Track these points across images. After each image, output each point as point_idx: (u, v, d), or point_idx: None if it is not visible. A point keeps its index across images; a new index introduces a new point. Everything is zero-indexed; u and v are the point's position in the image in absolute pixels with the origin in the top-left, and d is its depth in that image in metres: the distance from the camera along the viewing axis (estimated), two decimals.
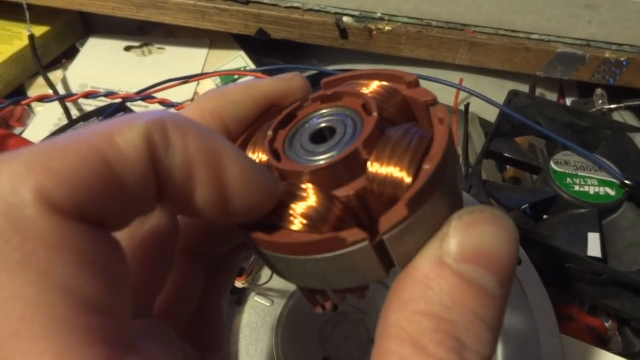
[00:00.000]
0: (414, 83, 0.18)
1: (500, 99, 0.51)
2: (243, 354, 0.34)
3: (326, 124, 0.19)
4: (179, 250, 0.20)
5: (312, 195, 0.16)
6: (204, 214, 0.15)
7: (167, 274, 0.19)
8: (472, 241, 0.15)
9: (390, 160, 0.15)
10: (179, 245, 0.20)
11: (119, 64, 0.63)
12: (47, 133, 0.54)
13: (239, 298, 0.37)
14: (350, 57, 0.65)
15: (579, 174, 0.44)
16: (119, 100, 0.54)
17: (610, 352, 0.37)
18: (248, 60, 0.63)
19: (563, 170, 0.44)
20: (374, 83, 0.19)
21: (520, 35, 0.57)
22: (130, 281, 0.14)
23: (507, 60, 0.58)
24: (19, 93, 0.60)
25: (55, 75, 0.62)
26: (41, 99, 0.52)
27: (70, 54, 0.66)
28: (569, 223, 0.42)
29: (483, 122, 0.57)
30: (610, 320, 0.42)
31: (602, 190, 0.43)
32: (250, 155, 0.20)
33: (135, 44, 0.65)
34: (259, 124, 0.21)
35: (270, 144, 0.18)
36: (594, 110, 0.57)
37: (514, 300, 0.34)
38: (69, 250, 0.12)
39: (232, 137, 0.20)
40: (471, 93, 0.52)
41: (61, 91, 0.58)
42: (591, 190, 0.43)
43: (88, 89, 0.57)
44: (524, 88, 0.57)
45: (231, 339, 0.35)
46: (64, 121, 0.55)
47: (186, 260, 0.21)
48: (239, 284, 0.35)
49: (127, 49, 0.65)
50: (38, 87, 0.60)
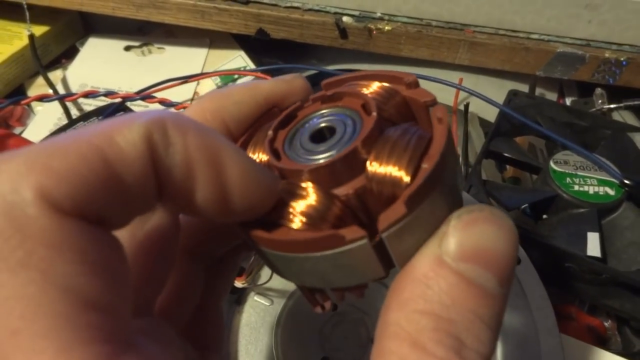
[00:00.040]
0: (414, 84, 0.18)
1: (500, 98, 0.52)
2: (243, 354, 0.34)
3: (326, 124, 0.19)
4: (180, 250, 0.20)
5: (312, 194, 0.16)
6: (204, 212, 0.15)
7: (168, 273, 0.19)
8: (472, 240, 0.15)
9: (389, 159, 0.16)
10: (180, 245, 0.20)
11: (119, 63, 0.63)
12: (47, 133, 0.54)
13: (239, 298, 0.37)
14: (350, 57, 0.65)
15: (579, 173, 0.44)
16: (119, 100, 0.54)
17: (610, 352, 0.37)
18: (248, 60, 0.63)
19: (563, 170, 0.44)
20: (374, 84, 0.19)
21: (520, 35, 0.57)
22: (130, 280, 0.14)
23: (507, 60, 0.58)
24: (19, 93, 0.60)
25: (55, 75, 0.62)
26: (41, 99, 0.52)
27: (70, 53, 0.66)
28: (569, 223, 0.42)
29: (483, 122, 0.57)
30: (609, 320, 0.42)
31: (602, 190, 0.43)
32: (250, 155, 0.20)
33: (135, 43, 0.65)
34: (259, 124, 0.21)
35: (271, 144, 0.19)
36: (594, 110, 0.57)
37: (514, 300, 0.34)
38: (69, 249, 0.12)
39: (233, 138, 0.20)
40: (471, 93, 0.52)
41: (61, 91, 0.58)
42: (591, 190, 0.43)
43: (88, 89, 0.57)
44: (524, 88, 0.57)
45: (231, 338, 0.35)
46: (64, 121, 0.55)
47: (187, 260, 0.21)
48: (238, 283, 0.35)
49: (127, 48, 0.65)
50: (38, 87, 0.60)
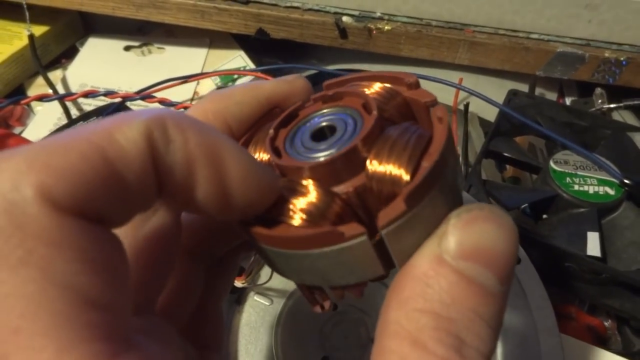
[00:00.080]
0: (415, 84, 0.18)
1: (500, 98, 0.52)
2: (243, 354, 0.34)
3: (327, 123, 0.19)
4: (181, 250, 0.20)
5: (313, 191, 0.16)
6: (205, 209, 0.15)
7: (169, 273, 0.19)
8: (471, 239, 0.15)
9: (389, 158, 0.16)
10: (181, 245, 0.20)
11: (118, 63, 0.63)
12: (47, 132, 0.54)
13: (239, 297, 0.37)
14: (350, 57, 0.65)
15: (579, 173, 0.44)
16: (119, 99, 0.54)
17: (610, 352, 0.37)
18: (248, 60, 0.63)
19: (563, 169, 0.44)
20: (375, 85, 0.19)
21: (520, 35, 0.57)
22: (130, 278, 0.14)
23: (507, 60, 0.58)
24: (18, 93, 0.60)
25: (55, 75, 0.62)
26: (41, 99, 0.52)
27: (70, 53, 0.66)
28: (569, 222, 0.42)
29: (483, 122, 0.57)
30: (609, 320, 0.42)
31: (602, 189, 0.43)
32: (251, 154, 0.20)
33: (135, 43, 0.65)
34: (261, 124, 0.21)
35: (272, 142, 0.19)
36: (594, 109, 0.57)
37: (514, 299, 0.34)
38: (69, 247, 0.12)
39: (235, 138, 0.20)
40: (471, 93, 0.52)
41: (61, 91, 0.58)
42: (591, 189, 0.43)
43: (88, 89, 0.57)
44: (524, 88, 0.57)
45: (231, 338, 0.35)
46: (64, 121, 0.55)
47: (187, 260, 0.21)
48: (238, 283, 0.35)
49: (127, 48, 0.65)
50: (38, 87, 0.60)
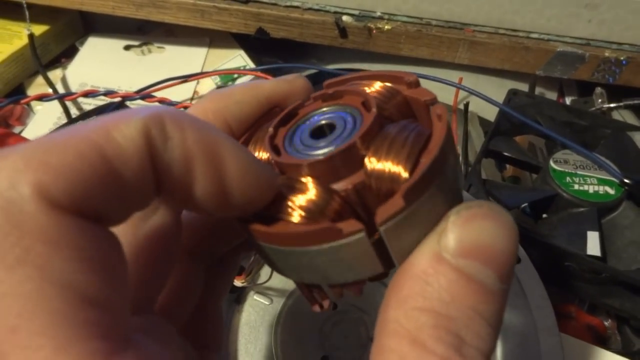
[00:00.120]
0: (415, 83, 0.18)
1: (499, 98, 0.51)
2: (242, 353, 0.34)
3: (326, 121, 0.19)
4: (181, 250, 0.20)
5: (312, 189, 0.16)
6: (203, 206, 0.15)
7: (169, 272, 0.19)
8: (471, 236, 0.15)
9: (387, 155, 0.16)
10: (181, 245, 0.20)
11: (118, 63, 0.63)
12: (47, 132, 0.54)
13: (238, 297, 0.36)
14: (350, 56, 0.65)
15: (579, 173, 0.44)
16: (119, 99, 0.54)
17: (610, 351, 0.37)
18: (248, 60, 0.63)
19: (563, 169, 0.44)
20: (375, 84, 0.19)
21: (520, 34, 0.57)
22: (128, 277, 0.14)
23: (507, 60, 0.58)
24: (18, 92, 0.60)
25: (54, 75, 0.62)
26: (41, 98, 0.52)
27: (70, 53, 0.66)
28: (569, 222, 0.42)
29: (483, 121, 0.57)
30: (609, 319, 0.42)
31: (602, 189, 0.43)
32: None
33: (135, 43, 0.65)
34: (261, 124, 0.21)
35: (271, 140, 0.19)
36: (594, 109, 0.57)
37: (513, 299, 0.34)
38: (67, 245, 0.12)
39: (235, 137, 0.20)
40: (471, 92, 0.52)
41: (61, 90, 0.58)
42: (591, 189, 0.43)
43: (88, 88, 0.57)
44: (524, 87, 0.57)
45: (230, 337, 0.35)
46: (64, 120, 0.55)
47: (187, 259, 0.21)
48: (238, 282, 0.35)
49: (127, 48, 0.65)
50: (38, 86, 0.60)
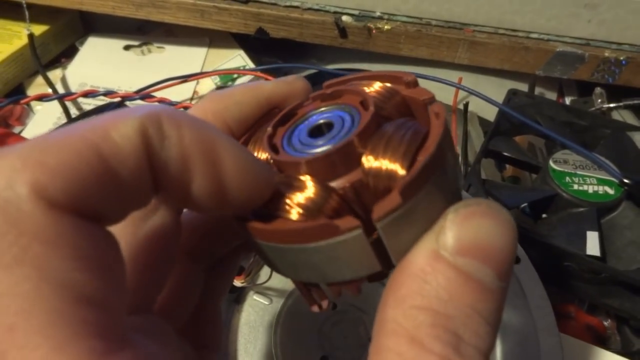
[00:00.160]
0: (413, 83, 0.18)
1: (499, 98, 0.51)
2: (242, 353, 0.34)
3: (325, 120, 0.19)
4: (180, 251, 0.20)
5: (310, 187, 0.16)
6: (201, 204, 0.15)
7: (169, 272, 0.19)
8: (469, 234, 0.15)
9: (385, 153, 0.16)
10: (181, 246, 0.20)
11: (118, 63, 0.63)
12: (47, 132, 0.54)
13: (238, 297, 0.37)
14: (350, 56, 0.65)
15: (578, 173, 0.44)
16: (118, 99, 0.54)
17: (609, 351, 0.37)
18: (247, 60, 0.63)
19: (562, 169, 0.44)
20: (375, 84, 0.19)
21: (520, 34, 0.57)
22: (125, 276, 0.14)
23: (507, 60, 0.58)
24: (18, 92, 0.60)
25: (54, 75, 0.62)
26: (40, 98, 0.52)
27: (69, 53, 0.66)
28: (568, 222, 0.42)
29: (482, 121, 0.57)
30: (609, 319, 0.42)
31: (601, 189, 0.43)
32: None
33: (135, 43, 0.65)
34: (260, 125, 0.21)
35: (270, 140, 0.19)
36: (594, 109, 0.57)
37: (513, 299, 0.34)
38: (64, 245, 0.12)
39: (235, 138, 0.20)
40: (470, 92, 0.52)
41: (60, 90, 0.58)
42: (590, 189, 0.43)
43: (87, 88, 0.57)
44: (524, 87, 0.57)
45: (230, 337, 0.35)
46: (63, 120, 0.55)
47: (187, 260, 0.21)
48: (238, 282, 0.35)
49: (127, 48, 0.65)
50: (37, 86, 0.60)
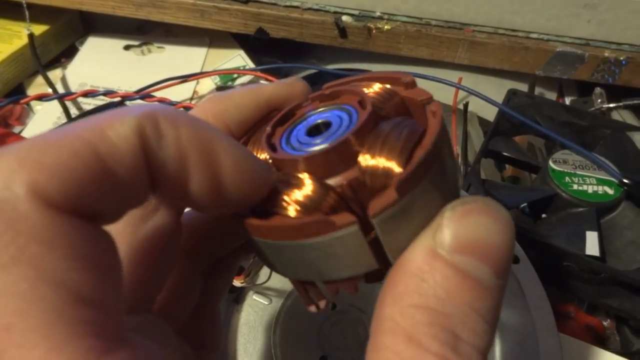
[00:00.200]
0: (411, 84, 0.18)
1: (499, 98, 0.51)
2: (241, 353, 0.34)
3: (323, 120, 0.19)
4: (180, 251, 0.20)
5: (307, 184, 0.16)
6: (199, 202, 0.15)
7: (168, 272, 0.19)
8: (466, 232, 0.15)
9: (381, 151, 0.16)
10: (180, 246, 0.20)
11: (118, 63, 0.63)
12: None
13: (238, 297, 0.37)
14: (350, 57, 0.66)
15: (578, 173, 0.44)
16: (118, 99, 0.54)
17: (609, 351, 0.37)
18: (247, 60, 0.63)
19: (562, 169, 0.44)
20: (374, 85, 0.19)
21: (520, 34, 0.57)
22: (122, 275, 0.14)
23: (507, 60, 0.58)
24: (18, 92, 0.60)
25: (54, 74, 0.62)
26: (40, 98, 0.52)
27: (69, 53, 0.66)
28: (568, 222, 0.42)
29: (482, 121, 0.57)
30: (608, 319, 0.42)
31: (601, 189, 0.43)
32: None
33: (135, 43, 0.65)
34: (259, 127, 0.21)
35: (268, 139, 0.19)
36: (593, 109, 0.57)
37: (512, 299, 0.34)
38: (62, 244, 0.12)
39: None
40: (470, 92, 0.52)
41: (60, 90, 0.58)
42: (590, 189, 0.43)
43: (87, 88, 0.57)
44: (523, 87, 0.57)
45: (229, 337, 0.35)
46: (63, 120, 0.55)
47: (186, 260, 0.21)
48: (237, 282, 0.35)
49: (127, 48, 0.65)
50: (37, 86, 0.60)
